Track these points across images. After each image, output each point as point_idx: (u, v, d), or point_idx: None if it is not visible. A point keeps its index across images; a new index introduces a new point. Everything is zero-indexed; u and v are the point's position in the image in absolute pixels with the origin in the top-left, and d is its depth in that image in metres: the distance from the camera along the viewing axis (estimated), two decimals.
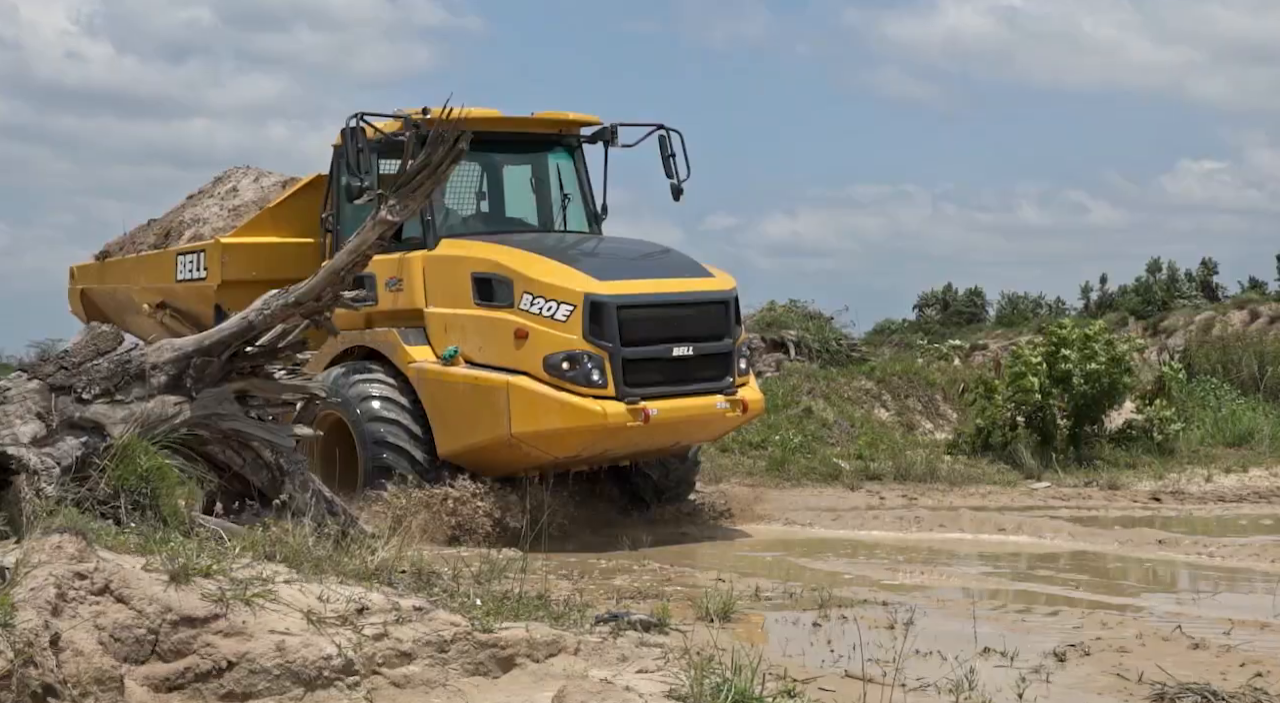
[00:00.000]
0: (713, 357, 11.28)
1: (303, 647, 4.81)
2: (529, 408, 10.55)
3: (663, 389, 10.90)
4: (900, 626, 7.04)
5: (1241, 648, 6.76)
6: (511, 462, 10.92)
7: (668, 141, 12.49)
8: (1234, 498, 14.19)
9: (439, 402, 11.00)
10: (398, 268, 11.55)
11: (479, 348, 10.97)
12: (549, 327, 10.67)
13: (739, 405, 11.33)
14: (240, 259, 12.72)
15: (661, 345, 10.97)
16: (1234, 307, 51.56)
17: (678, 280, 11.37)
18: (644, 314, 10.93)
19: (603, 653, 5.19)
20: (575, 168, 12.77)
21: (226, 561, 5.22)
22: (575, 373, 10.55)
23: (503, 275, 10.95)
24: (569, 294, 10.70)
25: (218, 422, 7.39)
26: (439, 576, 6.34)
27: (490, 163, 12.68)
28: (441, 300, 11.33)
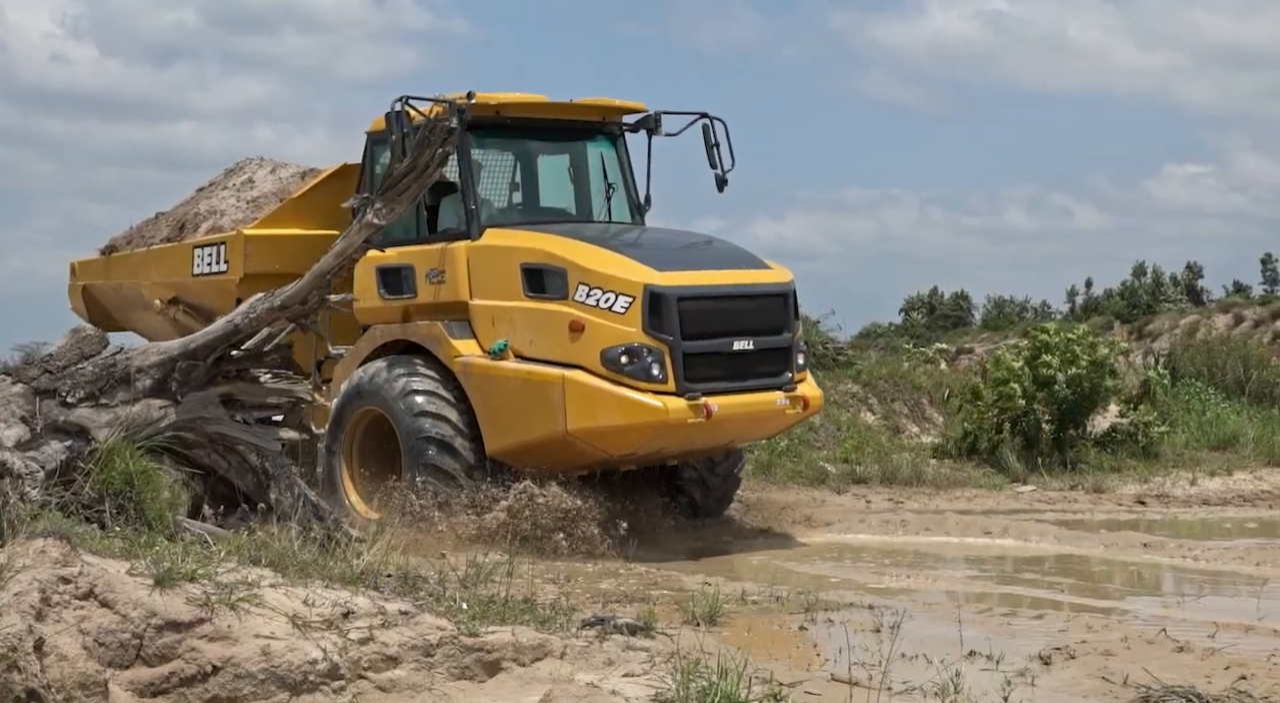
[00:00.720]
0: (773, 351, 10.90)
1: (288, 651, 4.80)
2: (586, 404, 10.14)
3: (723, 385, 10.48)
4: (886, 629, 7.03)
5: (1226, 651, 6.77)
6: (563, 460, 10.51)
7: (711, 131, 12.06)
8: (1218, 501, 14.24)
9: (488, 397, 10.58)
10: (439, 259, 11.12)
11: (530, 341, 10.55)
12: (606, 319, 10.26)
13: (799, 402, 10.95)
14: (263, 251, 12.27)
15: (722, 339, 10.56)
16: (1219, 310, 51.82)
17: (737, 272, 10.97)
18: (705, 307, 10.54)
19: (589, 657, 5.19)
20: (618, 156, 12.33)
21: (211, 565, 5.20)
22: (634, 367, 10.13)
23: (556, 266, 10.52)
24: (628, 285, 10.27)
25: (203, 425, 7.38)
26: (425, 579, 6.33)
27: (530, 150, 12.24)
28: (488, 292, 10.88)
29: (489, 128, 11.51)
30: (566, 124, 12.05)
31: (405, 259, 11.26)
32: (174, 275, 13.15)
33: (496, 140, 11.83)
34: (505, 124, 11.56)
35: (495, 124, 11.50)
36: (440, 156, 7.77)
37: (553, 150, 12.32)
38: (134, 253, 14.08)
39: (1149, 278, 62.70)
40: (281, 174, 13.59)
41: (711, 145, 12.02)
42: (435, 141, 7.67)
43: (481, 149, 11.57)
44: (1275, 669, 6.37)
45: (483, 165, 11.69)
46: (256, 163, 13.99)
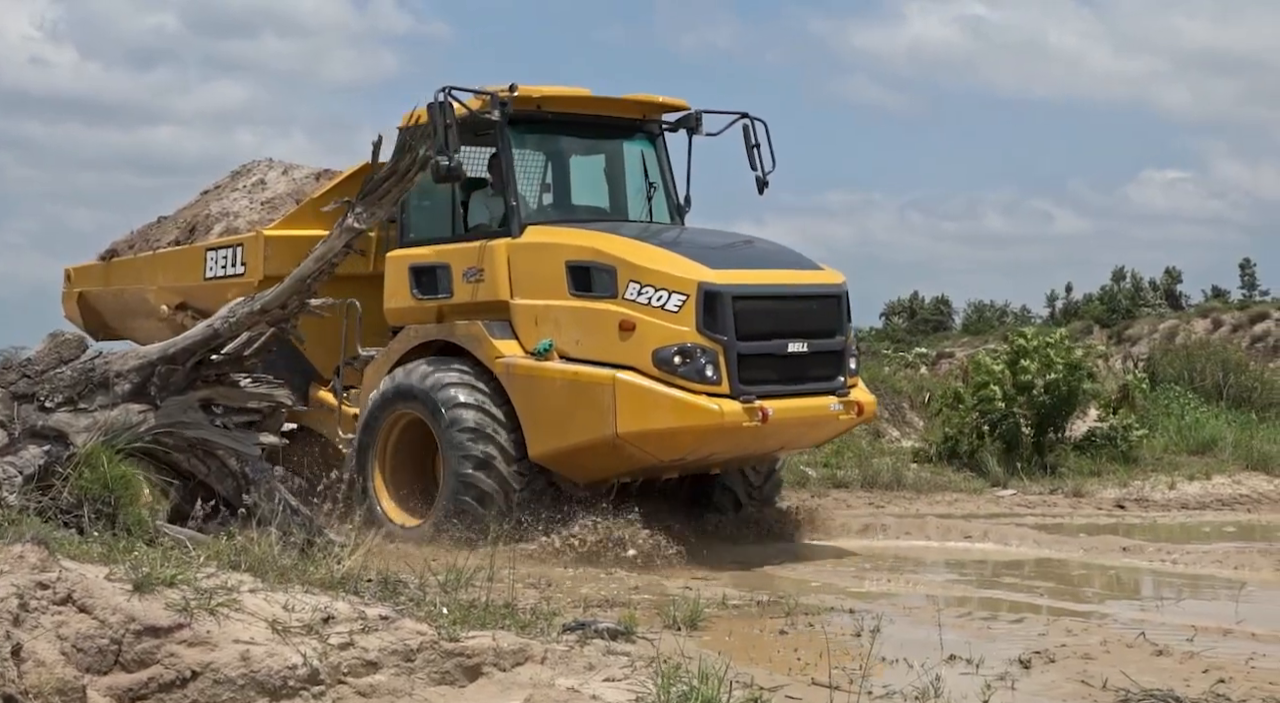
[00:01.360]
0: (827, 354, 10.56)
1: (268, 656, 4.79)
2: (637, 406, 9.77)
3: (777, 388, 10.12)
4: (867, 633, 7.05)
5: (1204, 654, 6.80)
6: (609, 465, 10.23)
7: (752, 131, 11.74)
8: (1197, 505, 14.31)
9: (532, 399, 10.23)
10: (477, 257, 10.76)
11: (576, 341, 10.20)
12: (659, 318, 9.91)
13: (853, 408, 10.61)
14: (284, 253, 11.73)
15: (777, 341, 10.21)
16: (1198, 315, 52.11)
17: (790, 272, 10.64)
18: (760, 306, 10.20)
19: (569, 662, 5.18)
20: (658, 155, 12.01)
21: (191, 570, 5.18)
22: (688, 368, 9.76)
23: (604, 263, 10.18)
24: (681, 283, 9.92)
25: (182, 430, 7.36)
26: (405, 584, 6.31)
27: (569, 146, 11.88)
28: (530, 291, 10.54)
29: (528, 122, 11.19)
30: (607, 121, 11.71)
31: (440, 258, 11.02)
32: (183, 279, 12.78)
33: (535, 135, 11.50)
34: (545, 119, 11.27)
35: (535, 118, 11.19)
36: (421, 161, 7.76)
37: (592, 147, 12.01)
38: (138, 257, 13.66)
39: (1128, 283, 62.98)
40: (295, 175, 13.24)
41: (752, 146, 11.74)
42: (415, 146, 7.66)
43: (520, 145, 11.21)
44: (1253, 673, 6.40)
45: (521, 160, 11.32)
46: (266, 164, 13.64)
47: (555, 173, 11.82)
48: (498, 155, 11.05)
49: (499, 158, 10.97)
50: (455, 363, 10.63)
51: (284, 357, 11.86)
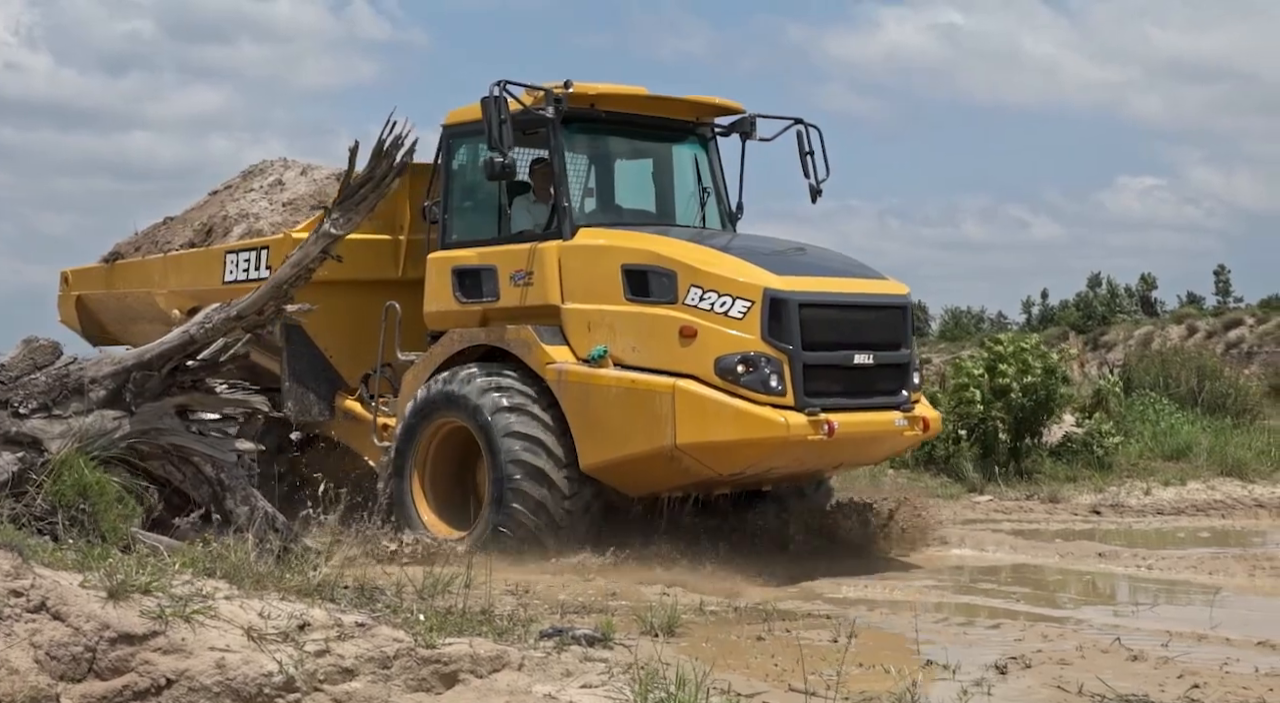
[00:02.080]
0: (892, 367, 10.21)
1: (243, 664, 4.77)
2: (698, 416, 9.37)
3: (842, 400, 9.75)
4: (843, 639, 7.06)
5: (1179, 659, 6.83)
6: (665, 478, 9.84)
7: (805, 138, 11.40)
8: (1172, 511, 14.37)
9: (585, 408, 9.84)
10: (526, 260, 10.39)
11: (632, 348, 9.82)
12: (722, 324, 9.53)
13: (918, 423, 10.25)
14: None
15: (842, 351, 9.84)
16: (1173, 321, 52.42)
17: (855, 281, 10.25)
18: (826, 315, 9.81)
19: (547, 668, 5.17)
20: (710, 159, 11.66)
21: (166, 577, 5.16)
22: (752, 377, 9.36)
23: (664, 267, 9.81)
24: (746, 289, 9.54)
25: (158, 436, 7.33)
26: (382, 591, 6.30)
27: (621, 147, 11.50)
28: (583, 295, 10.17)
29: (581, 120, 10.81)
30: (661, 122, 11.34)
31: (487, 260, 10.67)
32: (199, 283, 12.35)
33: (586, 135, 11.12)
34: (598, 117, 10.91)
35: (588, 117, 10.83)
36: (398, 167, 7.75)
37: (643, 148, 11.62)
38: (146, 259, 13.25)
39: (1104, 289, 63.30)
40: (315, 175, 12.90)
41: (805, 153, 11.41)
42: (391, 152, 7.65)
43: (570, 144, 10.84)
44: (1227, 678, 6.43)
45: (571, 160, 10.98)
46: (282, 164, 13.27)
47: (605, 174, 11.49)
48: (540, 159, 10.80)
49: (545, 159, 10.69)
50: (502, 369, 10.28)
51: (310, 365, 11.81)
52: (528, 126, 10.39)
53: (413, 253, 11.61)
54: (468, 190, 11.14)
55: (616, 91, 10.90)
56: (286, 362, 11.78)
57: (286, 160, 13.34)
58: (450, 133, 11.12)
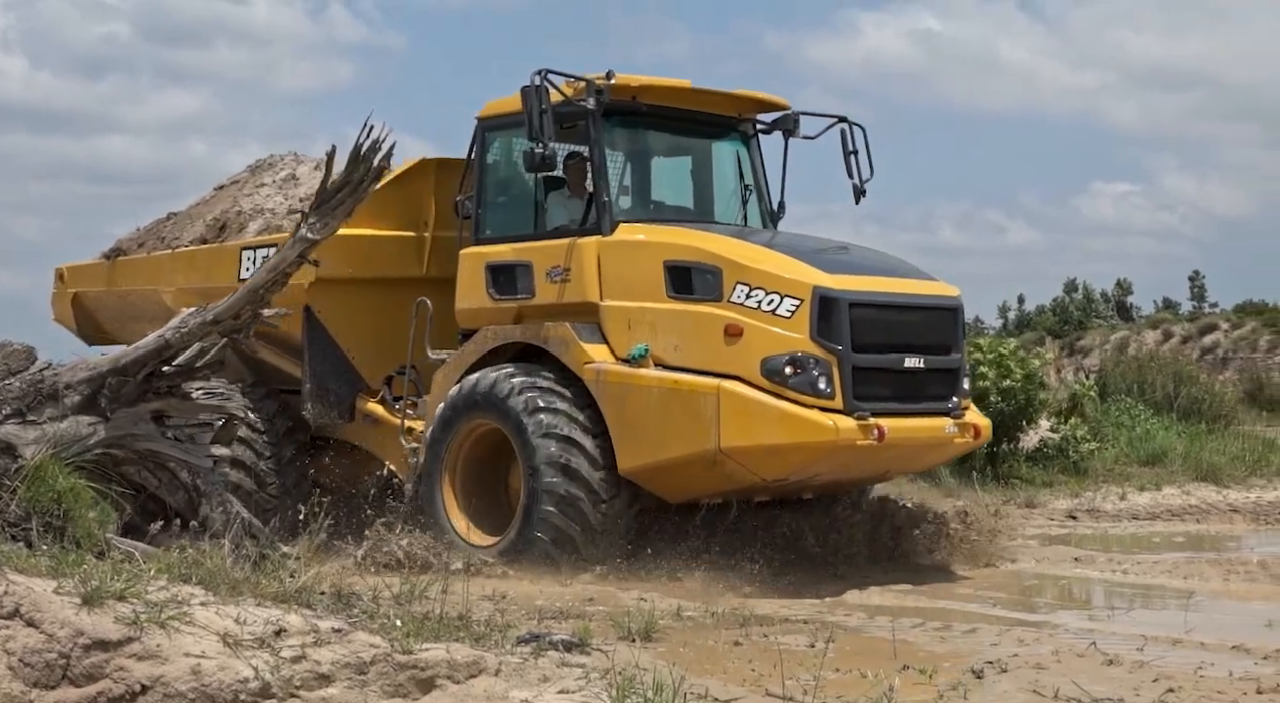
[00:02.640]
0: (942, 372, 9.88)
1: (219, 670, 4.75)
2: (744, 418, 9.05)
3: (891, 405, 9.44)
4: (821, 644, 7.07)
5: (1154, 663, 6.86)
6: (706, 483, 9.53)
7: (849, 137, 11.10)
8: (1147, 516, 14.45)
9: (624, 409, 9.50)
10: (564, 257, 10.06)
11: (675, 347, 9.51)
12: (769, 323, 9.22)
13: (969, 430, 9.94)
14: (339, 254, 10.89)
15: (893, 354, 9.53)
16: (1148, 327, 52.66)
17: (906, 281, 9.93)
18: (877, 316, 9.50)
19: (524, 674, 5.16)
20: (752, 157, 11.32)
21: (141, 583, 5.14)
22: (800, 379, 9.06)
23: (709, 264, 9.50)
24: (795, 287, 9.24)
25: (133, 442, 7.30)
26: (359, 597, 6.28)
27: (661, 142, 11.14)
28: (623, 293, 9.85)
29: (621, 113, 10.49)
30: (703, 117, 11.03)
31: (522, 257, 10.37)
32: (212, 281, 11.85)
33: (627, 128, 10.78)
34: (640, 111, 10.58)
35: (629, 110, 10.51)
36: (375, 172, 7.74)
37: (683, 143, 11.31)
38: (152, 257, 12.87)
39: (1080, 294, 63.55)
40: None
41: (849, 152, 11.12)
42: (369, 157, 7.63)
43: (609, 137, 10.53)
44: (1202, 682, 6.46)
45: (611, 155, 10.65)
46: (293, 159, 12.96)
47: (644, 169, 11.16)
48: (574, 154, 10.51)
49: (580, 154, 10.43)
50: (539, 368, 9.96)
51: (332, 366, 11.50)
52: (566, 119, 10.06)
53: (438, 250, 11.34)
54: (502, 185, 10.88)
55: (660, 84, 10.61)
56: (308, 362, 11.47)
57: (297, 155, 13.08)
58: (485, 126, 10.81)
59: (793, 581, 9.48)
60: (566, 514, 9.51)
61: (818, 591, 9.28)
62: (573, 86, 10.05)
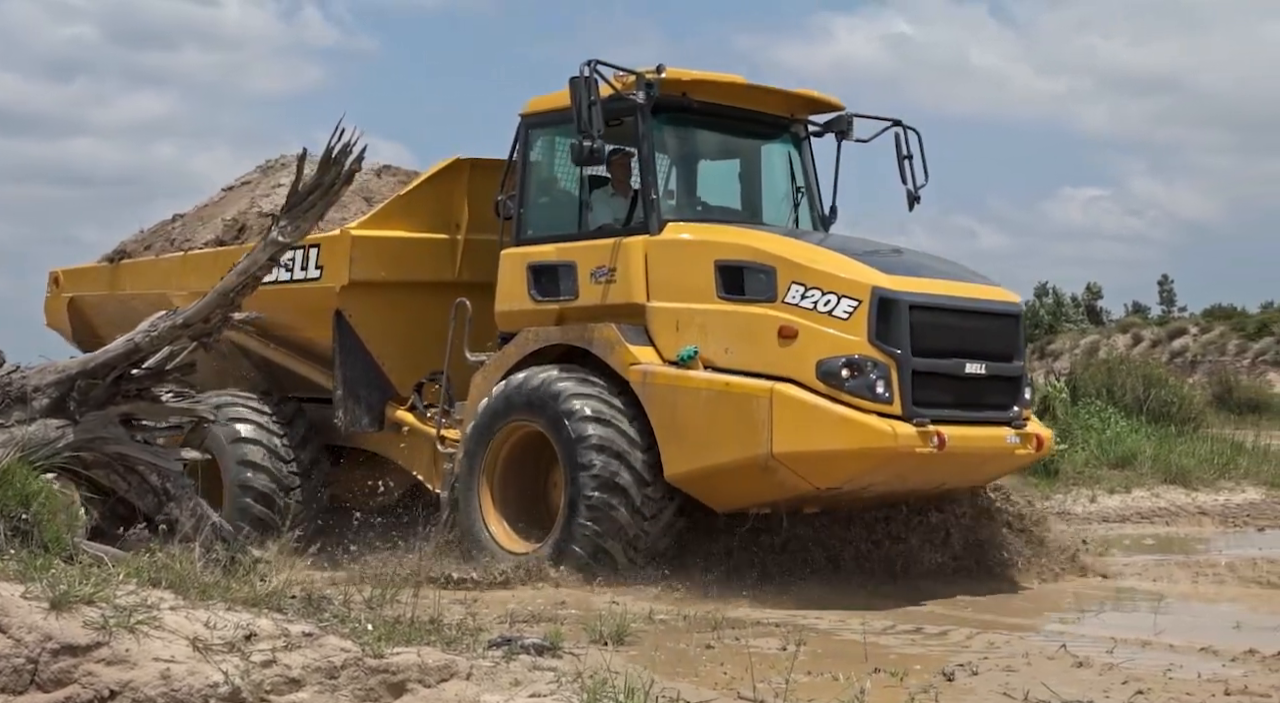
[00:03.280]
0: (1004, 380, 9.57)
1: (188, 675, 4.72)
2: (798, 423, 8.71)
3: (951, 413, 9.11)
4: (792, 647, 7.08)
5: (1124, 666, 6.90)
6: (756, 491, 9.15)
7: (904, 141, 10.85)
8: (1117, 518, 14.53)
9: (672, 412, 9.19)
10: (609, 256, 9.78)
11: (726, 349, 9.20)
12: (825, 324, 8.92)
13: (1031, 442, 9.58)
14: (371, 255, 10.87)
15: (954, 359, 9.20)
16: (1118, 330, 53.02)
17: (967, 285, 9.62)
18: (938, 319, 9.18)
19: (495, 678, 5.16)
20: (804, 158, 11.05)
21: (110, 587, 5.11)
22: (857, 382, 8.74)
23: (762, 263, 9.21)
24: (853, 287, 8.93)
25: (102, 445, 7.25)
26: (330, 600, 6.26)
27: (710, 140, 10.86)
28: (671, 293, 9.57)
29: (670, 109, 10.18)
30: (755, 116, 10.72)
31: (565, 256, 10.10)
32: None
33: (674, 126, 10.49)
34: (689, 107, 10.30)
35: (679, 106, 10.21)
36: (346, 175, 7.71)
37: (733, 142, 11.00)
38: (161, 259, 12.60)
39: (1050, 298, 63.83)
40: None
41: (904, 157, 10.85)
42: (340, 159, 7.61)
43: (658, 134, 10.24)
44: (1171, 684, 6.50)
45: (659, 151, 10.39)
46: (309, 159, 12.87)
47: (691, 168, 10.90)
48: (618, 150, 10.23)
49: (624, 150, 10.19)
50: (581, 370, 9.69)
51: (363, 373, 11.18)
52: (613, 115, 9.72)
53: (470, 253, 11.15)
54: (546, 183, 10.67)
55: (711, 79, 10.36)
56: (339, 369, 11.19)
57: (312, 156, 12.84)
58: (529, 122, 10.57)
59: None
60: (607, 527, 9.22)
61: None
62: (621, 80, 9.77)
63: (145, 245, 13.12)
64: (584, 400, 9.45)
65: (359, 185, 11.93)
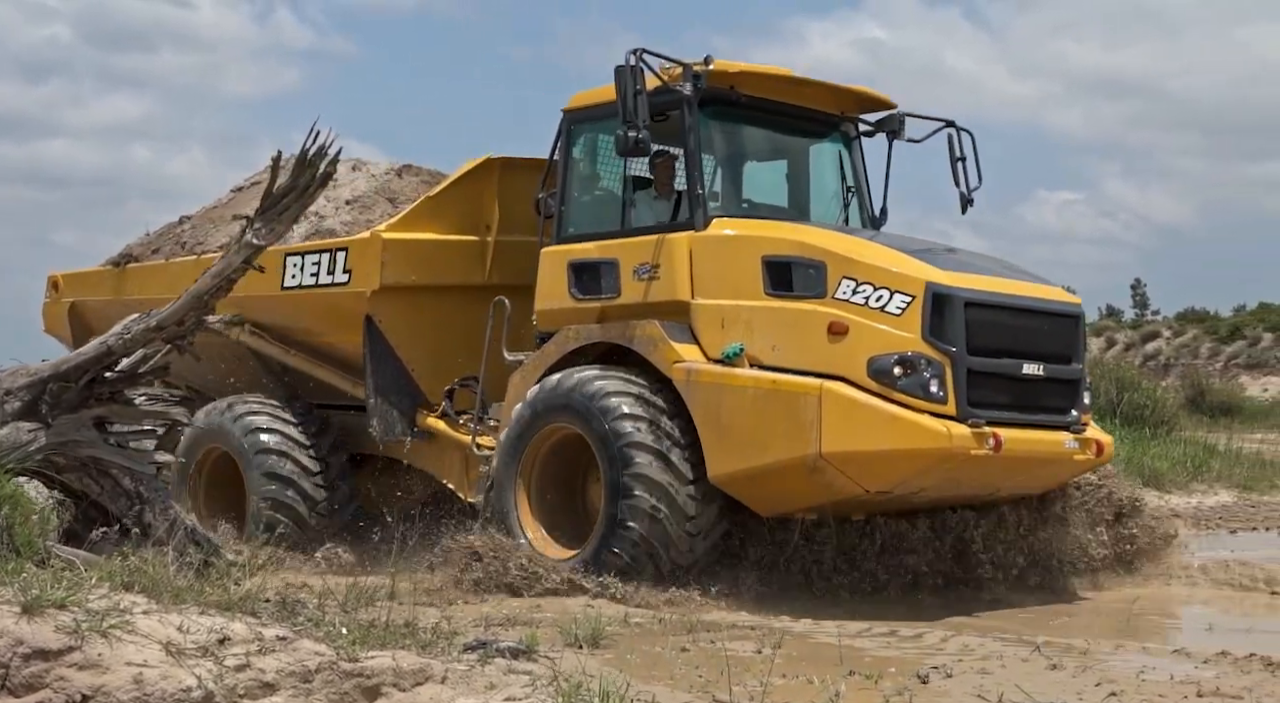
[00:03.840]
0: (1062, 382, 9.30)
1: (161, 679, 4.71)
2: (847, 422, 8.45)
3: (1007, 414, 8.83)
4: (768, 650, 7.09)
5: (1097, 668, 6.93)
6: (803, 494, 8.87)
7: (957, 142, 10.63)
8: None
9: (717, 412, 8.93)
10: (653, 252, 9.55)
11: (773, 347, 8.93)
12: (876, 321, 8.66)
13: (1091, 447, 9.27)
14: (402, 258, 10.54)
15: (1010, 359, 8.94)
16: (1092, 334, 53.16)
17: (1024, 283, 9.36)
18: (994, 317, 8.92)
19: (470, 681, 5.15)
20: (853, 157, 10.81)
21: (82, 591, 5.08)
22: (910, 381, 8.49)
23: (811, 258, 8.98)
24: (906, 282, 8.68)
25: (75, 449, 7.23)
26: (304, 604, 6.24)
27: (757, 136, 10.58)
28: (716, 290, 9.32)
29: (717, 102, 9.91)
30: (803, 112, 10.45)
31: (607, 253, 9.86)
32: (249, 288, 10.81)
33: (721, 121, 10.18)
34: (737, 102, 10.03)
35: (725, 99, 9.94)
36: (320, 177, 7.70)
37: (781, 139, 10.72)
38: (172, 263, 12.25)
39: None
40: (372, 171, 11.96)
41: (957, 159, 10.64)
42: (315, 162, 7.59)
43: (704, 128, 9.93)
44: (1144, 685, 6.53)
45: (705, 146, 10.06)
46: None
47: (737, 165, 10.56)
48: (661, 152, 10.01)
49: (669, 151, 9.99)
50: (622, 369, 9.43)
51: (395, 379, 10.87)
52: (658, 108, 9.45)
53: (500, 255, 10.92)
54: (588, 180, 10.46)
55: (759, 71, 10.11)
56: (370, 376, 10.89)
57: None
58: (572, 118, 10.35)
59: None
60: (649, 533, 8.97)
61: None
62: (667, 72, 9.54)
63: (153, 249, 12.84)
64: (623, 399, 9.21)
65: (381, 186, 11.67)
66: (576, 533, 9.54)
